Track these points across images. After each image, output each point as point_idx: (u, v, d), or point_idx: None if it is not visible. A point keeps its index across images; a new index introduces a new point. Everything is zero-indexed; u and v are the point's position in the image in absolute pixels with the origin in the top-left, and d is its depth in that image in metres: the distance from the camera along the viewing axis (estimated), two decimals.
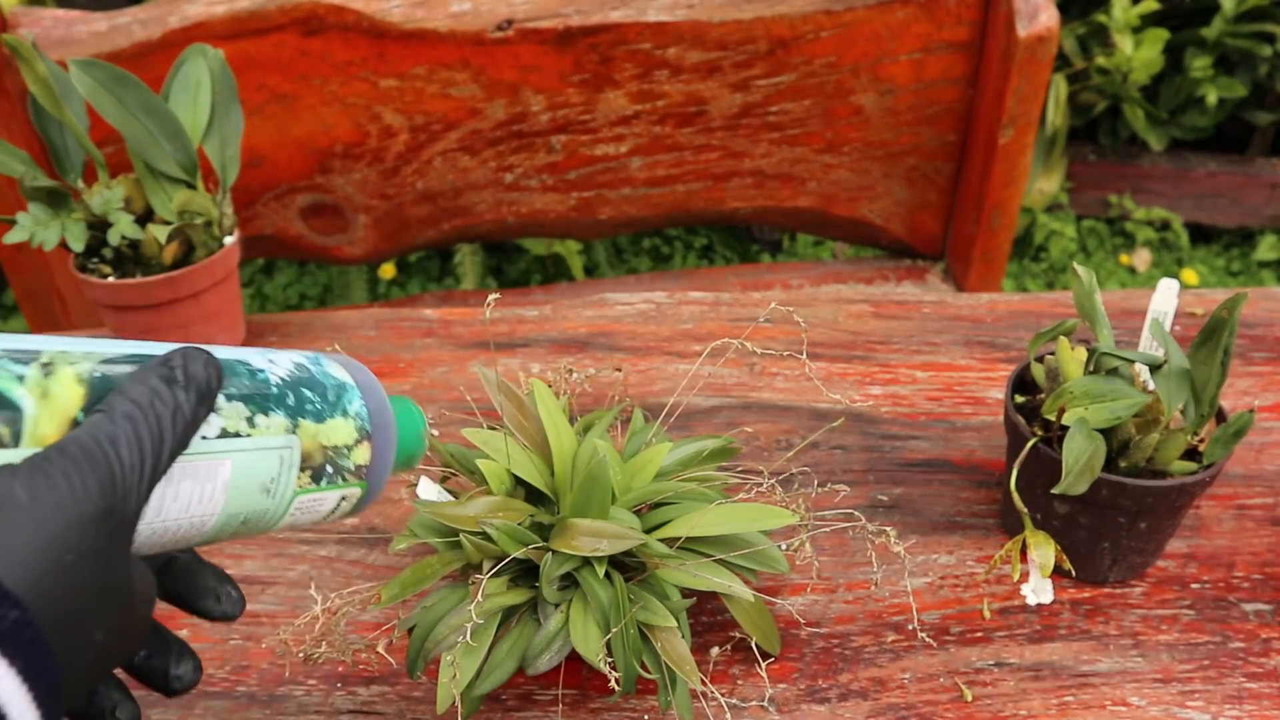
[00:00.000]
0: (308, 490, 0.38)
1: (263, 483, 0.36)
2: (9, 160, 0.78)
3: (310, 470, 0.37)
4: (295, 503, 0.37)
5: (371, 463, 0.40)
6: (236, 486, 0.35)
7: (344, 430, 0.39)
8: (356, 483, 0.40)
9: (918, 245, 1.39)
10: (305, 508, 0.38)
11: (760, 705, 0.57)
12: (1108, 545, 0.61)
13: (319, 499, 0.38)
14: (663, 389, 0.80)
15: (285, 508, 0.37)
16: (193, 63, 0.81)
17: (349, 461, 0.39)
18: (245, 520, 0.36)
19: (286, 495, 0.37)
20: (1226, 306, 0.55)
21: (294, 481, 0.37)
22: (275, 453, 0.36)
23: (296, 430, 0.37)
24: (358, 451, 0.39)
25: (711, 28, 1.17)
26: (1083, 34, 1.84)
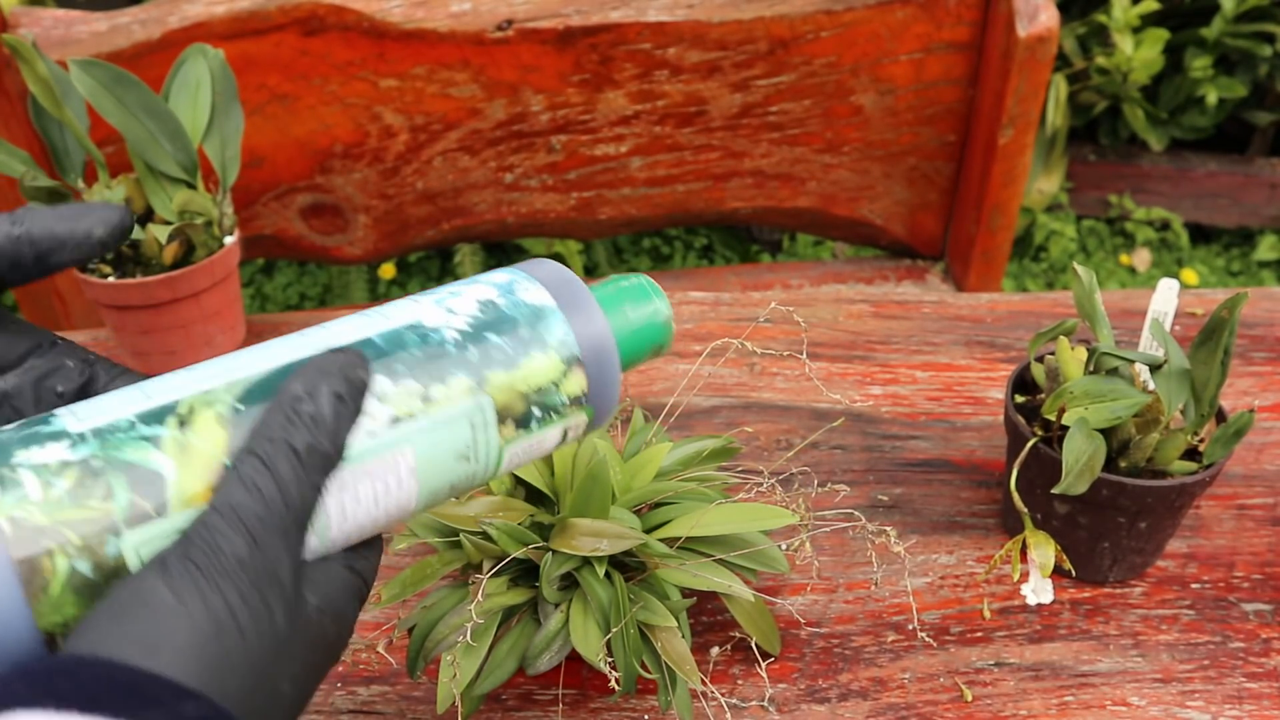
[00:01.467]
0: (517, 439, 0.35)
1: (458, 451, 0.33)
2: (9, 160, 0.78)
3: (513, 420, 0.34)
4: (506, 454, 0.35)
5: (591, 387, 0.36)
6: (427, 468, 0.32)
7: (546, 366, 0.35)
8: (578, 411, 0.36)
9: (918, 245, 1.39)
10: (523, 452, 0.35)
11: (760, 705, 0.57)
12: (1108, 545, 0.61)
13: (535, 441, 0.35)
14: (663, 389, 0.80)
15: (495, 463, 0.34)
16: (193, 63, 0.81)
17: (560, 396, 0.35)
18: (453, 487, 0.34)
19: (492, 453, 0.34)
20: (1226, 306, 0.55)
21: (496, 438, 0.34)
22: (464, 420, 0.33)
23: (484, 387, 0.33)
24: (569, 382, 0.35)
25: (711, 28, 1.17)
26: (1083, 34, 1.84)
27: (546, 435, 0.35)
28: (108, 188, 0.80)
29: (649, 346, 0.38)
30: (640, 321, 0.38)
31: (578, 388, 0.35)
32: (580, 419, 0.36)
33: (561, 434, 0.36)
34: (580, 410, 0.36)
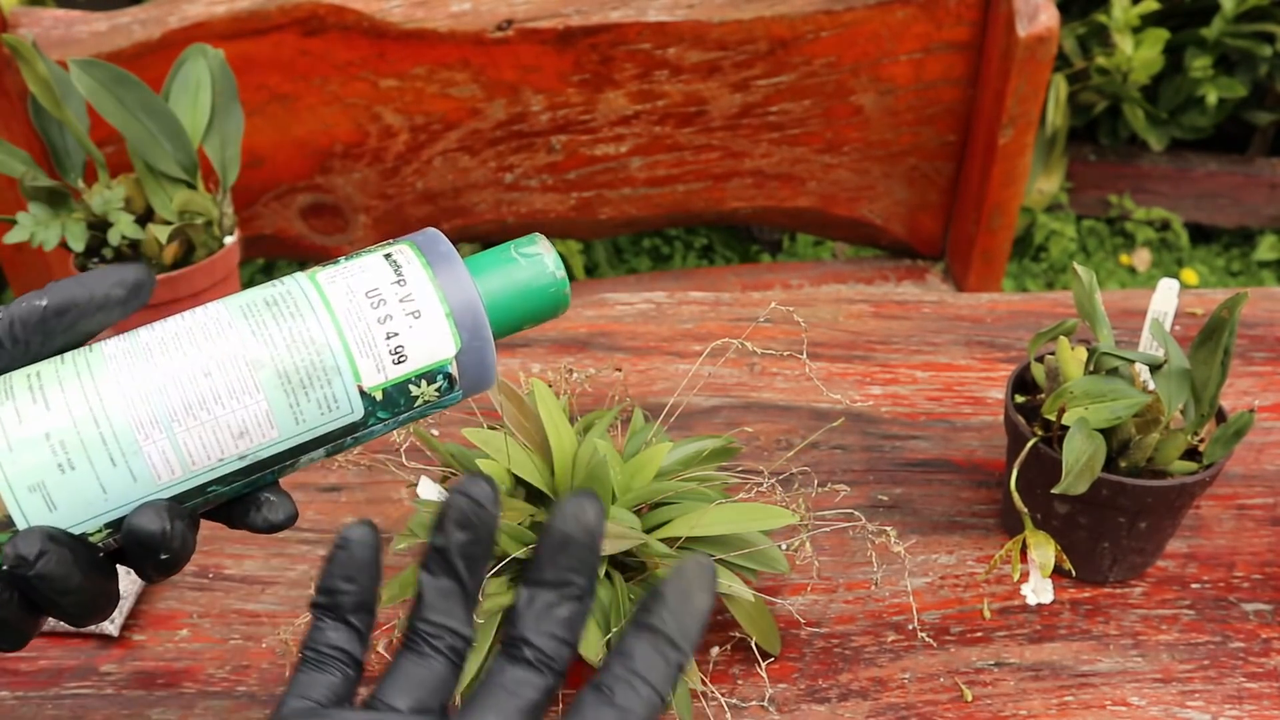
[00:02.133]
0: (323, 268, 0.35)
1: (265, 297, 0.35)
2: (9, 160, 0.78)
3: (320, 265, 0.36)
4: (321, 280, 0.35)
5: (459, 375, 0.36)
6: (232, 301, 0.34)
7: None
8: (433, 401, 0.36)
9: (918, 245, 1.39)
10: (342, 280, 0.35)
11: (760, 705, 0.57)
12: (1108, 545, 0.61)
13: (350, 270, 0.35)
14: (663, 389, 0.80)
15: (313, 289, 0.35)
16: (193, 63, 0.81)
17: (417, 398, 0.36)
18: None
19: (303, 284, 0.35)
20: (1227, 306, 0.55)
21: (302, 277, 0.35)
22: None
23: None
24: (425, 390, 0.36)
25: (711, 28, 1.17)
26: (1083, 34, 1.84)
27: (358, 261, 0.35)
28: (108, 187, 0.80)
29: (533, 305, 0.37)
30: (519, 281, 0.37)
31: (395, 248, 0.36)
32: (403, 246, 0.36)
33: (384, 257, 0.35)
34: (399, 243, 0.36)
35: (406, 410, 0.35)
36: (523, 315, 0.37)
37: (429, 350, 0.35)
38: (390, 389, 0.35)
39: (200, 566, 0.66)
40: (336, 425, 0.35)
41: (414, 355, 0.35)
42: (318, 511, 0.70)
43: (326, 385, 0.34)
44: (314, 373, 0.34)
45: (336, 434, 0.35)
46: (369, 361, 0.34)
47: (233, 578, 0.65)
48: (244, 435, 0.33)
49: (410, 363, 0.35)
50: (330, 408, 0.34)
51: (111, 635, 0.61)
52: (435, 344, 0.35)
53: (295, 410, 0.34)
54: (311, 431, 0.34)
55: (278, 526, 0.36)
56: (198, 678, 0.59)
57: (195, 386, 0.33)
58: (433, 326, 0.35)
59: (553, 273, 0.37)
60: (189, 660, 0.60)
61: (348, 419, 0.35)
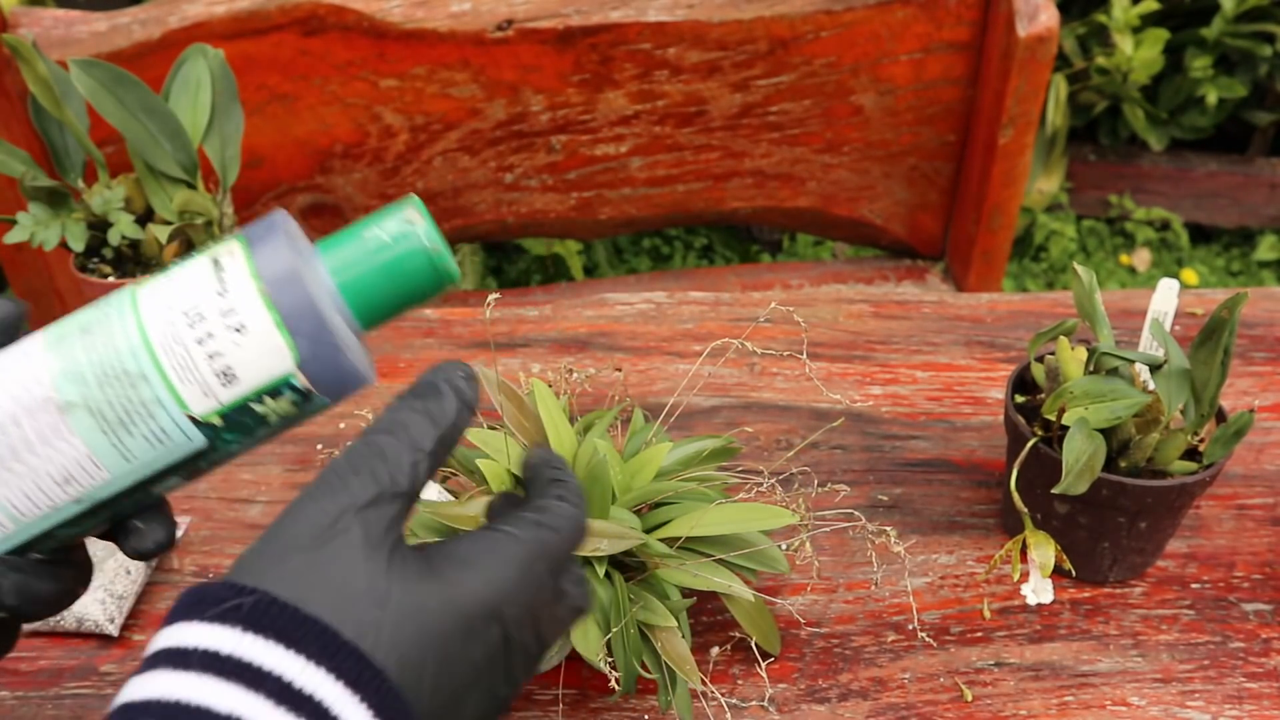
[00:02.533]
0: (146, 282, 0.32)
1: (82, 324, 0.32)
2: (9, 160, 0.78)
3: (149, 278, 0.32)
4: (140, 299, 0.32)
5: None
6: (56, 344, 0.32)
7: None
8: (281, 413, 0.32)
9: (918, 245, 1.39)
10: (163, 297, 0.31)
11: (760, 705, 0.57)
12: (1108, 545, 0.61)
13: (171, 281, 0.32)
14: (663, 389, 0.80)
15: (130, 308, 0.32)
16: (193, 63, 0.81)
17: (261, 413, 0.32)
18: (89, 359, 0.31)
19: (124, 304, 0.32)
20: (1227, 306, 0.55)
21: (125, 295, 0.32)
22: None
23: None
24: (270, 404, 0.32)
25: (711, 28, 1.17)
26: (1083, 34, 1.84)
27: (183, 269, 0.32)
28: (108, 187, 0.80)
29: (406, 286, 0.33)
30: (383, 261, 0.32)
31: (229, 237, 0.32)
32: (232, 245, 0.32)
33: (210, 262, 0.32)
34: (229, 241, 0.32)
35: (263, 427, 0.32)
36: (394, 299, 0.33)
37: (261, 367, 0.31)
38: (229, 413, 0.31)
39: (200, 567, 0.66)
40: (177, 457, 0.32)
41: (245, 375, 0.31)
42: None
43: (150, 420, 0.31)
44: (131, 409, 0.30)
45: (184, 463, 0.32)
46: (193, 388, 0.31)
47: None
48: (69, 481, 0.31)
49: (242, 383, 0.31)
50: (161, 441, 0.31)
51: (111, 635, 0.61)
52: (267, 359, 0.31)
53: (120, 449, 0.31)
54: (149, 466, 0.31)
55: (146, 554, 0.35)
56: None
57: (4, 438, 0.30)
58: (260, 340, 0.30)
59: (424, 246, 0.32)
60: None
61: (188, 448, 0.31)
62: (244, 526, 0.69)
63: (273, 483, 0.72)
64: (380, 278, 0.32)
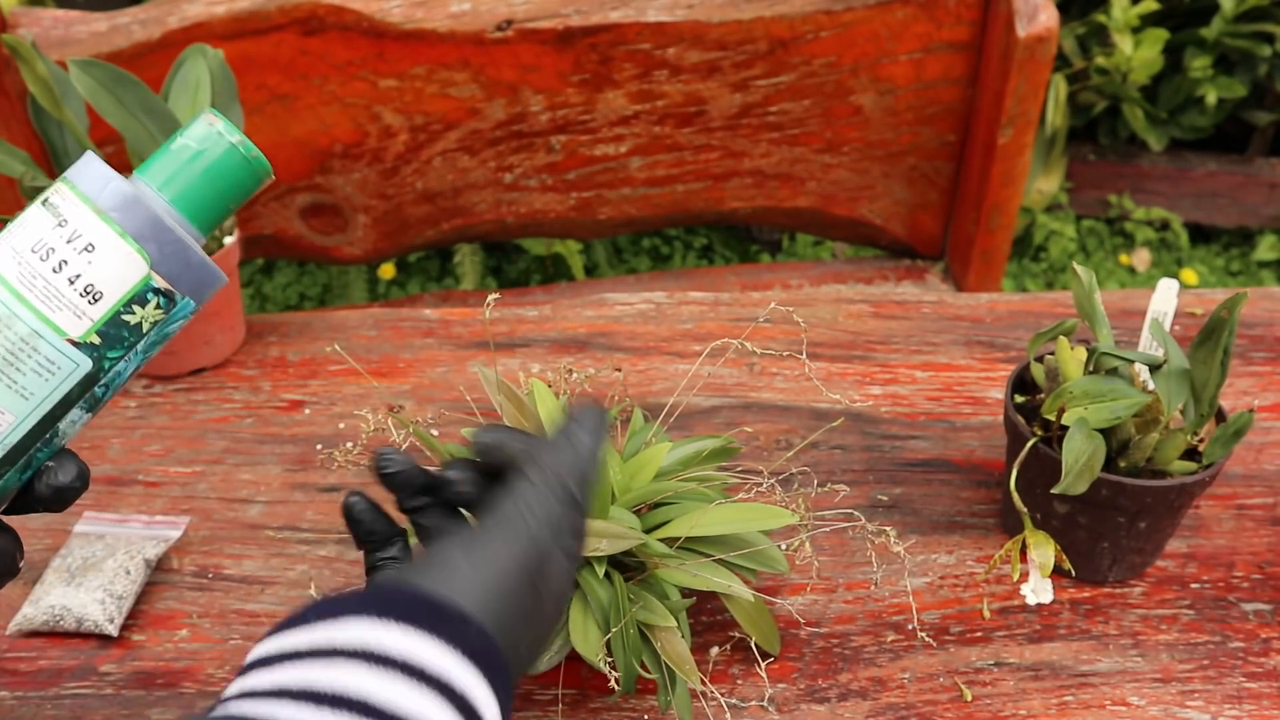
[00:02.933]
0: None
1: None
2: (9, 160, 0.78)
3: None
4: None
5: (169, 282, 0.35)
6: None
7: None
8: (155, 311, 0.35)
9: (917, 245, 1.39)
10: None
11: (760, 705, 0.57)
12: (1107, 545, 0.61)
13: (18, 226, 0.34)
14: (663, 389, 0.80)
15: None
16: (193, 63, 0.81)
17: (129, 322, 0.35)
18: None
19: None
20: (1226, 306, 0.55)
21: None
22: None
23: None
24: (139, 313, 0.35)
25: (711, 28, 1.17)
26: (1082, 34, 1.84)
27: (21, 218, 0.34)
28: None
29: (226, 183, 0.36)
30: (198, 166, 0.35)
31: (51, 190, 0.35)
32: (58, 185, 0.35)
33: (41, 205, 0.35)
34: (54, 184, 0.35)
35: (140, 337, 0.35)
36: (219, 199, 0.36)
37: (120, 276, 0.34)
38: (103, 329, 0.34)
39: (200, 566, 0.66)
40: (72, 383, 0.34)
41: (107, 288, 0.34)
42: (317, 511, 0.70)
43: (34, 353, 0.33)
44: (13, 347, 0.33)
45: (78, 390, 0.34)
46: (65, 314, 0.33)
47: (232, 578, 0.65)
48: None
49: (108, 296, 0.34)
50: (50, 370, 0.33)
51: (111, 635, 0.61)
52: (122, 268, 0.34)
53: (16, 388, 0.33)
54: (49, 400, 0.34)
55: (67, 489, 0.35)
56: (197, 678, 0.59)
57: None
58: (111, 252, 0.34)
59: (231, 143, 0.35)
60: (188, 660, 0.60)
61: (79, 373, 0.34)
62: (243, 526, 0.69)
63: (272, 483, 0.72)
64: (201, 182, 0.35)
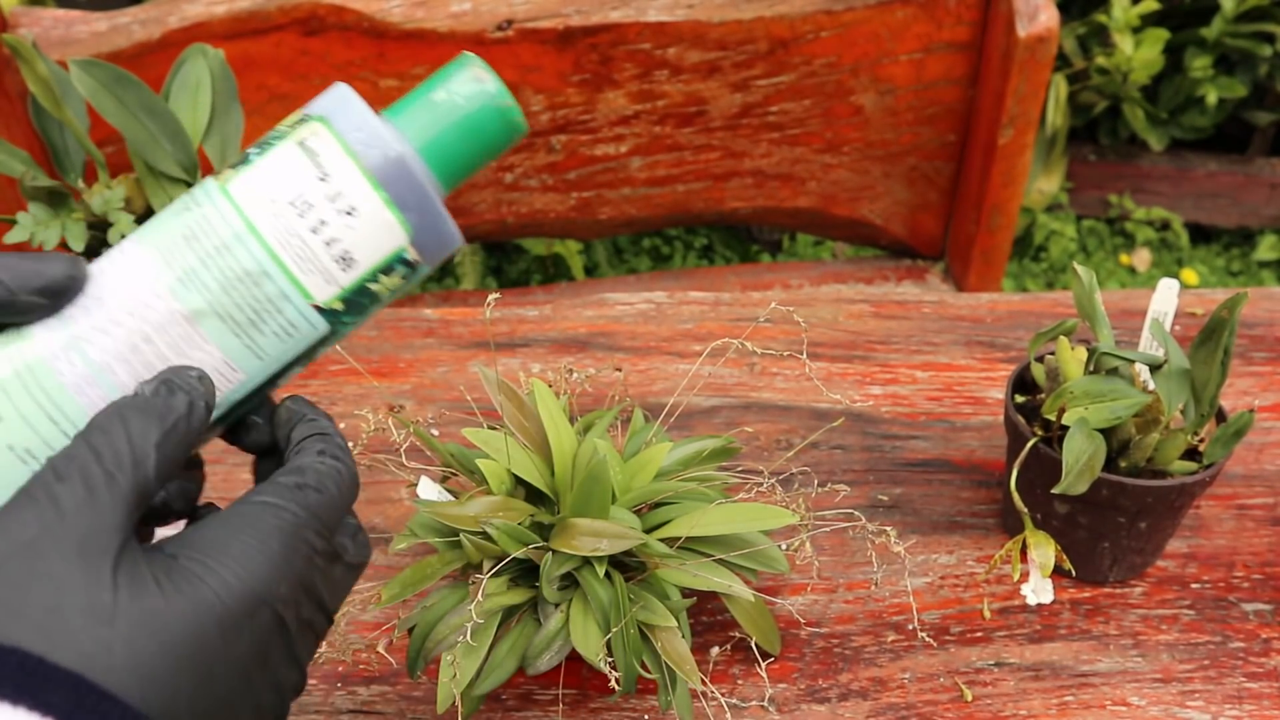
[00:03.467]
0: (236, 174, 0.32)
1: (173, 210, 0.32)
2: (9, 160, 0.78)
3: (229, 166, 0.32)
4: (233, 190, 0.31)
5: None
6: (153, 238, 0.31)
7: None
8: (311, 124, 0.32)
9: (918, 245, 1.39)
10: (259, 184, 0.31)
11: (760, 705, 0.57)
12: (1108, 545, 0.61)
13: (262, 168, 0.32)
14: (663, 389, 0.80)
15: (225, 200, 0.31)
16: (193, 63, 0.81)
17: (281, 129, 0.32)
18: (186, 237, 0.31)
19: (212, 195, 0.31)
20: (1227, 306, 0.55)
21: (210, 183, 0.32)
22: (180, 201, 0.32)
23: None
24: (302, 129, 0.32)
25: (711, 28, 1.17)
26: (1083, 34, 1.84)
27: (271, 158, 0.31)
28: (108, 187, 0.80)
29: (484, 144, 0.33)
30: (462, 125, 0.32)
31: (296, 116, 0.32)
32: (314, 125, 0.32)
33: (298, 147, 0.31)
34: (309, 122, 0.32)
35: (377, 304, 0.33)
36: (471, 158, 0.33)
37: (377, 245, 0.31)
38: (349, 296, 0.32)
39: None
40: (304, 347, 0.32)
41: (362, 257, 0.31)
42: None
43: (278, 314, 0.31)
44: (260, 307, 0.31)
45: (307, 354, 0.33)
46: (315, 278, 0.31)
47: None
48: None
49: (360, 264, 0.32)
50: (290, 334, 0.32)
51: None
52: (381, 238, 0.31)
53: (253, 348, 0.31)
54: (279, 361, 0.32)
55: (265, 449, 0.35)
56: None
57: (139, 356, 0.30)
58: (373, 219, 0.31)
59: (498, 104, 0.32)
60: None
61: (314, 336, 0.32)
62: None
63: None
64: (458, 140, 0.32)
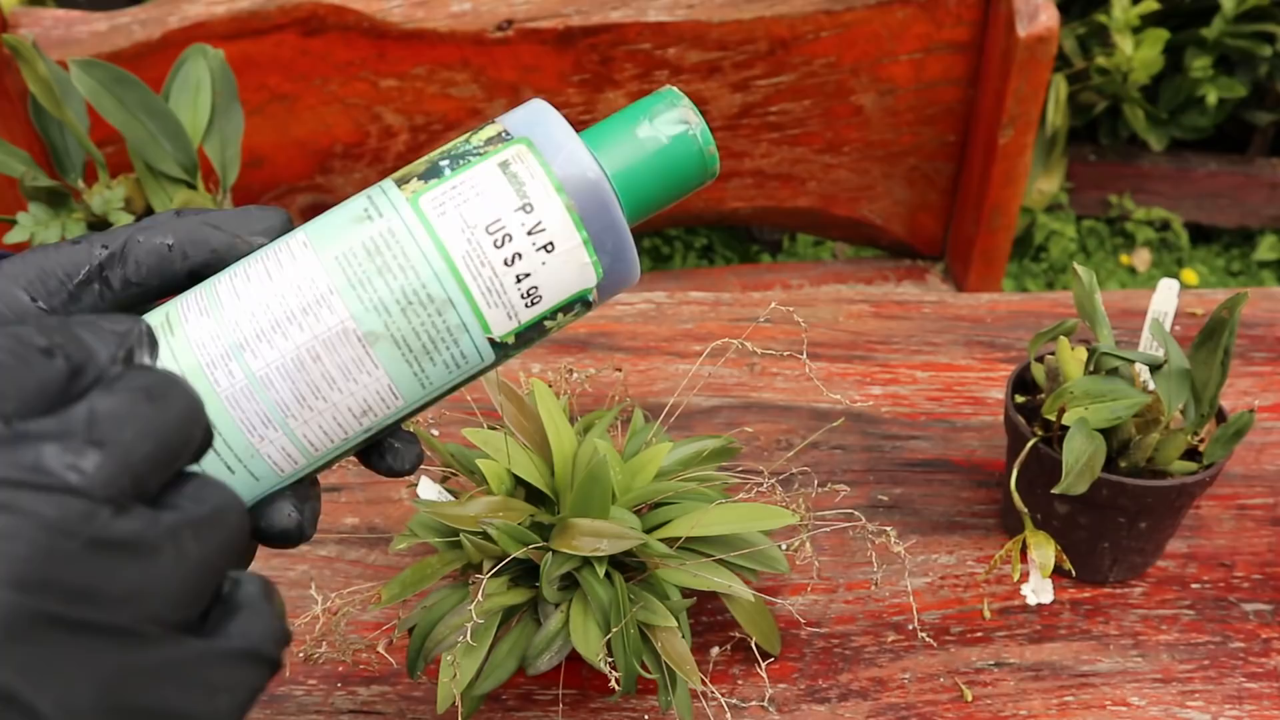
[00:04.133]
0: (426, 189, 0.29)
1: (353, 215, 0.29)
2: (9, 160, 0.78)
3: (417, 177, 0.30)
4: (423, 204, 0.29)
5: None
6: (319, 239, 0.29)
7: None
8: (507, 144, 0.30)
9: (918, 245, 1.39)
10: (449, 200, 0.29)
11: (760, 705, 0.57)
12: (1108, 545, 0.61)
13: (455, 185, 0.29)
14: (663, 389, 0.80)
15: (413, 212, 0.29)
16: (193, 63, 0.81)
17: (471, 144, 0.30)
18: (368, 249, 0.29)
19: (398, 205, 0.29)
20: (1227, 306, 0.55)
21: (395, 192, 0.29)
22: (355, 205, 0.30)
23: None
24: (483, 132, 0.30)
25: (711, 28, 1.17)
26: (1083, 34, 1.83)
27: (468, 176, 0.29)
28: (108, 187, 0.80)
29: (677, 188, 0.32)
30: (662, 168, 0.31)
31: (493, 131, 0.30)
32: (519, 149, 0.30)
33: (499, 169, 0.29)
34: (513, 143, 0.30)
35: (543, 337, 0.31)
36: (661, 198, 0.32)
37: (565, 285, 0.30)
38: (523, 330, 0.30)
39: None
40: (465, 377, 0.31)
41: (549, 294, 0.29)
42: None
43: (454, 345, 0.29)
44: (437, 336, 0.29)
45: (465, 382, 0.31)
46: (499, 311, 0.29)
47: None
48: (367, 413, 0.30)
49: (545, 302, 0.30)
50: (459, 365, 0.30)
51: None
52: (573, 278, 0.30)
53: (420, 376, 0.29)
54: (439, 390, 0.30)
55: (403, 473, 0.33)
56: None
57: (304, 374, 0.28)
58: (570, 259, 0.29)
59: (700, 148, 0.31)
60: None
61: (479, 368, 0.30)
62: None
63: None
64: (654, 178, 0.31)
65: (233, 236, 0.30)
